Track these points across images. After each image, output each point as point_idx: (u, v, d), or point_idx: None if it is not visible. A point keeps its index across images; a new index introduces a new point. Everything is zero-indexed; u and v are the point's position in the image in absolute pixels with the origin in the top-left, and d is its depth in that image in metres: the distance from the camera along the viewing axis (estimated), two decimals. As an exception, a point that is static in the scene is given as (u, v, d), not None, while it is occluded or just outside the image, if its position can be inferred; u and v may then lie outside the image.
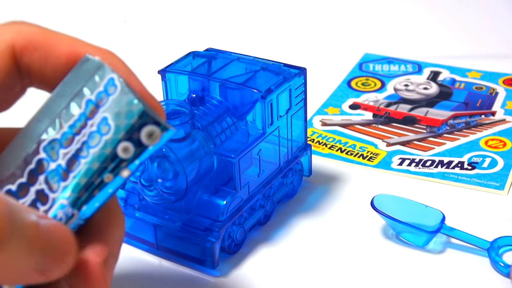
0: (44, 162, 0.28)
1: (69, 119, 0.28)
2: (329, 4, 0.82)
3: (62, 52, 0.31)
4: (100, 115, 0.27)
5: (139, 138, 0.27)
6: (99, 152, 0.27)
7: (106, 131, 0.27)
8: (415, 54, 0.69)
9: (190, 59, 0.46)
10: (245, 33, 0.76)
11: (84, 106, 0.28)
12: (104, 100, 0.28)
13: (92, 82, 0.28)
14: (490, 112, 0.58)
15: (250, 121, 0.43)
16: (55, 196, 0.28)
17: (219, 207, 0.41)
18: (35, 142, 0.29)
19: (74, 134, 0.28)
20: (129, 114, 0.27)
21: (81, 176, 0.28)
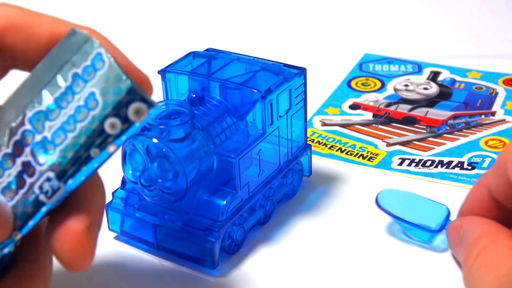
0: (30, 133, 0.28)
1: (55, 91, 0.28)
2: (329, 4, 0.82)
3: (44, 31, 0.31)
4: (88, 90, 0.28)
5: (126, 114, 0.27)
6: (86, 126, 0.28)
7: (94, 106, 0.27)
8: (415, 54, 0.69)
9: (190, 59, 0.46)
10: (245, 33, 0.76)
11: (70, 79, 0.28)
12: (92, 75, 0.28)
13: (79, 56, 0.28)
14: (490, 112, 0.58)
15: (250, 121, 0.43)
16: (41, 169, 0.28)
17: (219, 207, 0.41)
18: (21, 113, 0.29)
19: (60, 107, 0.28)
20: (117, 91, 0.27)
21: (67, 150, 0.28)
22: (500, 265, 0.32)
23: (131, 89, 0.27)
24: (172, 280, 0.41)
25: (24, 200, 0.28)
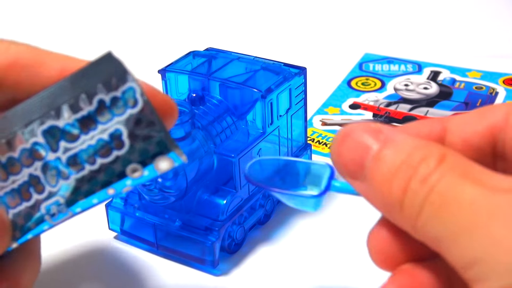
0: (42, 148, 0.28)
1: (76, 111, 0.27)
2: (329, 4, 0.82)
3: (53, 69, 0.31)
4: (114, 125, 0.27)
5: (152, 164, 0.26)
6: (108, 165, 0.27)
7: (119, 146, 0.27)
8: (415, 54, 0.69)
9: (190, 59, 0.46)
10: (245, 33, 0.76)
11: (95, 104, 0.27)
12: (121, 110, 0.26)
13: (109, 82, 0.27)
14: (490, 112, 0.58)
15: (250, 121, 0.43)
16: (52, 191, 0.28)
17: (219, 206, 0.41)
18: (32, 123, 0.28)
19: (80, 131, 0.27)
20: (147, 139, 0.26)
21: (83, 181, 0.27)
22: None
23: (162, 141, 0.26)
24: (172, 279, 0.41)
25: (28, 215, 0.28)
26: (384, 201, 0.25)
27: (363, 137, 0.25)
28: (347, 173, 0.26)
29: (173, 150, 0.26)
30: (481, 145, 0.26)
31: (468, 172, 0.23)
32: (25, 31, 0.78)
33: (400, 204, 0.24)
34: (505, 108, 0.26)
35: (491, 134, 0.26)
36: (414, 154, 0.24)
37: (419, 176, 0.23)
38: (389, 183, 0.24)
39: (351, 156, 0.25)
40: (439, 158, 0.23)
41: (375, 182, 0.25)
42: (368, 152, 0.25)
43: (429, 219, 0.23)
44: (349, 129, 0.26)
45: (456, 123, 0.27)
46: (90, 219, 0.45)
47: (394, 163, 0.24)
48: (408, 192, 0.23)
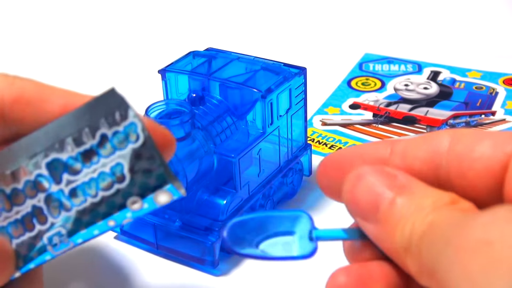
0: (45, 180, 0.28)
1: (78, 145, 0.28)
2: (329, 4, 0.82)
3: (56, 105, 0.31)
4: (116, 159, 0.27)
5: (152, 197, 0.27)
6: (109, 198, 0.28)
7: (120, 180, 0.27)
8: (415, 54, 0.69)
9: (190, 59, 0.46)
10: (245, 33, 0.76)
11: (97, 138, 0.28)
12: (123, 144, 0.27)
13: (112, 117, 0.27)
14: (490, 112, 0.58)
15: (250, 121, 0.43)
16: (54, 222, 0.29)
17: (219, 206, 0.41)
18: (36, 156, 0.29)
19: (83, 164, 0.28)
20: (148, 174, 0.27)
21: (85, 213, 0.28)
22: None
23: (162, 175, 0.27)
24: (172, 279, 0.41)
25: (31, 245, 0.29)
26: (395, 245, 0.25)
27: (379, 180, 0.26)
28: (360, 215, 0.26)
29: (172, 184, 0.27)
30: (422, 170, 0.26)
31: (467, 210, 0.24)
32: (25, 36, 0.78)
33: (409, 245, 0.24)
34: (449, 134, 0.26)
35: (432, 161, 0.26)
36: (426, 199, 0.25)
37: (421, 217, 0.24)
38: (402, 227, 0.24)
39: (366, 198, 0.26)
40: (449, 202, 0.24)
41: (388, 226, 0.25)
42: (384, 196, 0.25)
43: (423, 248, 0.23)
44: (364, 171, 0.26)
45: (401, 146, 0.27)
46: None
47: (408, 209, 0.25)
48: (413, 231, 0.24)
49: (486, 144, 0.25)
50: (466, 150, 0.25)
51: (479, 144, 0.25)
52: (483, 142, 0.25)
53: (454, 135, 0.26)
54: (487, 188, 0.25)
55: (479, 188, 0.25)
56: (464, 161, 0.25)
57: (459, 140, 0.26)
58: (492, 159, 0.25)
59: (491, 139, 0.25)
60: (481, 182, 0.25)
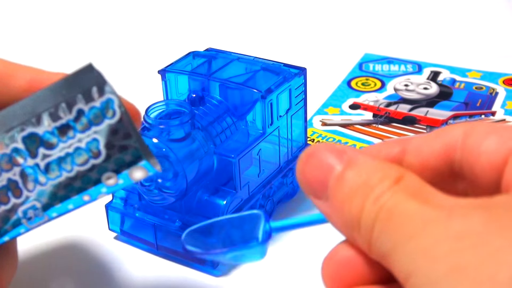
0: (21, 154, 0.28)
1: (55, 120, 0.28)
2: (329, 4, 0.82)
3: (22, 80, 0.32)
4: (92, 134, 0.27)
5: (127, 173, 0.27)
6: (84, 173, 0.28)
7: (96, 155, 0.27)
8: (415, 54, 0.69)
9: (190, 59, 0.46)
10: (245, 33, 0.76)
11: (74, 113, 0.28)
12: (99, 120, 0.27)
13: (88, 93, 0.27)
14: (490, 112, 0.58)
15: (250, 121, 0.43)
16: (29, 195, 0.29)
17: (219, 207, 0.41)
18: (12, 129, 0.29)
19: (59, 138, 0.28)
20: (123, 149, 0.27)
21: (59, 187, 0.28)
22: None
23: (137, 151, 0.27)
24: (172, 280, 0.41)
25: (5, 218, 0.29)
26: (344, 220, 0.25)
27: (327, 157, 0.25)
28: (311, 192, 0.26)
29: (147, 160, 0.27)
30: (437, 165, 0.26)
31: (418, 192, 0.23)
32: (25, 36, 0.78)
33: (357, 223, 0.24)
34: (463, 128, 0.26)
35: (447, 155, 0.26)
36: (373, 175, 0.24)
37: (374, 195, 0.24)
38: (349, 203, 0.24)
39: (315, 175, 0.26)
40: (396, 179, 0.24)
41: (336, 202, 0.25)
42: (332, 172, 0.25)
43: (379, 235, 0.23)
44: (314, 149, 0.26)
45: (415, 144, 0.27)
46: (90, 220, 0.45)
47: (355, 184, 0.24)
48: (364, 210, 0.24)
49: (492, 139, 0.25)
50: (475, 144, 0.25)
51: (486, 138, 0.25)
52: (490, 136, 0.25)
53: (467, 129, 0.26)
54: (491, 182, 0.25)
55: (484, 182, 0.25)
56: (473, 155, 0.25)
57: (471, 134, 0.26)
58: (495, 153, 0.25)
59: (498, 134, 0.25)
60: (485, 176, 0.25)
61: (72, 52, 0.73)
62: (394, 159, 0.27)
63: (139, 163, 0.27)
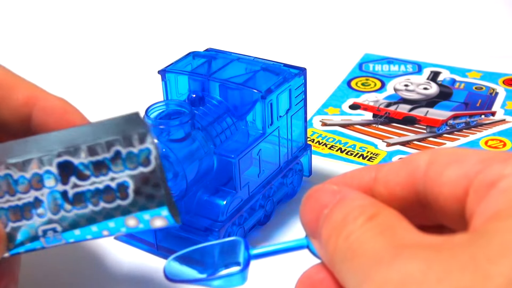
0: (53, 178, 0.30)
1: (92, 154, 0.29)
2: (329, 4, 0.82)
3: (21, 94, 0.33)
4: (124, 176, 0.29)
5: (149, 221, 0.29)
6: (109, 211, 0.29)
7: (124, 197, 0.29)
8: (415, 54, 0.69)
9: (190, 59, 0.46)
10: (245, 33, 0.76)
11: (112, 153, 0.29)
12: (134, 165, 0.29)
13: (129, 138, 0.29)
14: (490, 112, 0.58)
15: (250, 121, 0.43)
16: (52, 218, 0.30)
17: (219, 207, 0.41)
18: (49, 154, 0.30)
19: (92, 172, 0.29)
20: (150, 199, 0.29)
21: (83, 217, 0.29)
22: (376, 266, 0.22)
23: (163, 203, 0.29)
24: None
25: (25, 232, 0.30)
26: (326, 259, 0.25)
27: (321, 197, 0.26)
28: (308, 233, 0.27)
29: (170, 213, 0.29)
30: (404, 195, 0.26)
31: (389, 229, 0.23)
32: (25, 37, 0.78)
33: (332, 261, 0.24)
34: (427, 156, 0.25)
35: (411, 185, 0.26)
36: (351, 213, 0.24)
37: (345, 233, 0.24)
38: (329, 241, 0.25)
39: (310, 216, 0.26)
40: (369, 216, 0.24)
41: (323, 240, 0.25)
42: (323, 212, 0.25)
43: (346, 274, 0.23)
44: (313, 190, 0.27)
45: (383, 172, 0.27)
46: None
47: (335, 222, 0.25)
48: (337, 248, 0.24)
49: (453, 169, 0.24)
50: (437, 174, 0.25)
51: (447, 168, 0.24)
52: (451, 166, 0.24)
53: (431, 157, 0.25)
54: (455, 214, 0.24)
55: (449, 213, 0.25)
56: (436, 186, 0.25)
57: (433, 163, 0.25)
58: (456, 184, 0.24)
59: (458, 163, 0.24)
60: (450, 207, 0.24)
61: (72, 52, 0.73)
62: (366, 187, 0.27)
63: (162, 213, 0.29)
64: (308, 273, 0.27)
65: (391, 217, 0.24)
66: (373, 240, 0.23)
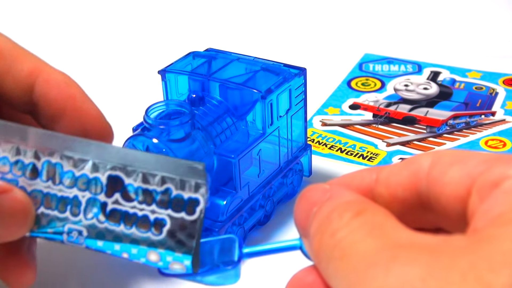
0: (99, 185, 0.30)
1: (145, 182, 0.29)
2: (329, 4, 0.82)
3: (26, 66, 0.33)
4: (164, 215, 0.29)
5: (169, 262, 0.29)
6: (137, 237, 0.29)
7: (157, 232, 0.29)
8: (415, 54, 0.69)
9: (190, 59, 0.46)
10: (245, 33, 0.76)
11: (162, 188, 0.29)
12: (178, 208, 0.29)
13: (185, 182, 0.29)
14: (490, 112, 0.58)
15: (250, 121, 0.43)
16: (83, 222, 0.30)
17: (219, 207, 0.41)
18: (108, 162, 0.30)
19: (136, 196, 0.30)
20: (180, 245, 0.29)
21: (111, 234, 0.30)
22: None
23: (189, 254, 0.29)
24: (172, 280, 0.41)
25: (53, 222, 0.31)
26: (312, 256, 0.25)
27: (312, 195, 0.26)
28: (299, 232, 0.27)
29: (192, 263, 0.29)
30: (406, 197, 0.26)
31: (378, 227, 0.23)
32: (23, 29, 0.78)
33: (317, 258, 0.24)
34: (430, 157, 0.25)
35: (414, 186, 0.25)
36: (336, 209, 0.24)
37: (330, 230, 0.23)
38: (314, 238, 0.24)
39: (301, 215, 0.26)
40: (355, 213, 0.23)
41: (310, 238, 0.25)
42: (312, 210, 0.25)
43: (333, 273, 0.23)
44: (305, 189, 0.27)
45: (385, 174, 0.26)
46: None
47: (321, 218, 0.24)
48: (322, 245, 0.24)
49: (456, 169, 0.24)
50: (440, 175, 0.24)
51: (450, 168, 0.24)
52: (454, 166, 0.24)
53: (434, 158, 0.25)
54: (456, 215, 0.24)
55: (450, 215, 0.24)
56: (438, 186, 0.24)
57: (436, 163, 0.25)
58: (459, 184, 0.24)
59: (462, 163, 0.24)
60: (452, 208, 0.24)
61: (72, 52, 0.73)
62: (366, 189, 0.27)
63: (184, 262, 0.29)
64: (298, 275, 0.27)
65: (379, 214, 0.23)
66: (364, 239, 0.22)
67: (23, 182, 0.31)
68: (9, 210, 0.30)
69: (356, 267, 0.22)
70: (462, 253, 0.20)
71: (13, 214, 0.30)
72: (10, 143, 0.31)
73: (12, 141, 0.31)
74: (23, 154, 0.31)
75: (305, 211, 0.26)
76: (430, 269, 0.20)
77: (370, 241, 0.22)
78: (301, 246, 0.28)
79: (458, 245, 0.21)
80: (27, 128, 0.31)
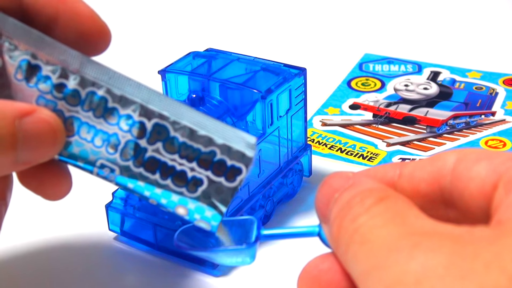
0: (143, 129, 0.29)
1: (190, 139, 0.29)
2: (329, 4, 0.82)
3: None
4: (203, 175, 0.29)
5: (196, 219, 0.29)
6: (170, 190, 0.29)
7: (191, 190, 0.29)
8: (415, 54, 0.69)
9: (190, 59, 0.46)
10: (245, 33, 0.76)
11: (207, 149, 0.29)
12: (219, 172, 0.29)
13: (231, 149, 0.29)
14: (490, 112, 0.58)
15: (250, 121, 0.43)
16: (118, 160, 0.30)
17: (219, 207, 0.41)
18: (155, 110, 0.29)
19: (179, 151, 0.29)
20: (212, 207, 0.29)
21: (144, 180, 0.30)
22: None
23: (219, 217, 0.29)
24: (172, 280, 0.41)
25: (85, 152, 0.30)
26: (330, 241, 0.25)
27: (334, 182, 0.26)
28: (320, 218, 0.27)
29: (217, 225, 0.29)
30: (428, 192, 0.26)
31: (399, 214, 0.23)
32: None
33: (336, 242, 0.24)
34: (456, 154, 0.25)
35: (437, 181, 0.26)
36: (358, 195, 0.24)
37: (351, 215, 0.23)
38: (334, 222, 0.24)
39: (322, 200, 0.26)
40: (377, 199, 0.23)
41: (330, 223, 0.25)
42: (334, 196, 0.25)
43: (352, 258, 0.23)
44: (328, 176, 0.27)
45: (409, 168, 0.27)
46: (90, 220, 0.45)
47: (342, 203, 0.24)
48: (341, 229, 0.24)
49: (482, 165, 0.24)
50: (465, 170, 0.25)
51: (476, 164, 0.24)
52: (480, 162, 0.24)
53: (459, 155, 0.25)
54: (479, 211, 0.24)
55: (474, 210, 0.24)
56: (462, 181, 0.25)
57: (462, 160, 0.25)
58: (485, 179, 0.24)
59: (488, 159, 0.24)
60: (475, 203, 0.24)
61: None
62: (389, 182, 0.27)
63: (211, 222, 0.29)
64: (313, 261, 0.27)
65: (401, 202, 0.23)
66: (386, 225, 0.22)
67: (62, 106, 0.30)
68: (34, 132, 0.29)
69: (376, 252, 0.22)
70: (486, 243, 0.20)
71: (38, 135, 0.29)
72: (54, 65, 0.30)
73: (57, 63, 0.30)
74: (67, 78, 0.30)
75: (327, 197, 0.26)
76: (453, 257, 0.20)
77: (392, 227, 0.22)
78: (320, 232, 0.28)
79: (482, 236, 0.21)
80: (80, 56, 0.31)
